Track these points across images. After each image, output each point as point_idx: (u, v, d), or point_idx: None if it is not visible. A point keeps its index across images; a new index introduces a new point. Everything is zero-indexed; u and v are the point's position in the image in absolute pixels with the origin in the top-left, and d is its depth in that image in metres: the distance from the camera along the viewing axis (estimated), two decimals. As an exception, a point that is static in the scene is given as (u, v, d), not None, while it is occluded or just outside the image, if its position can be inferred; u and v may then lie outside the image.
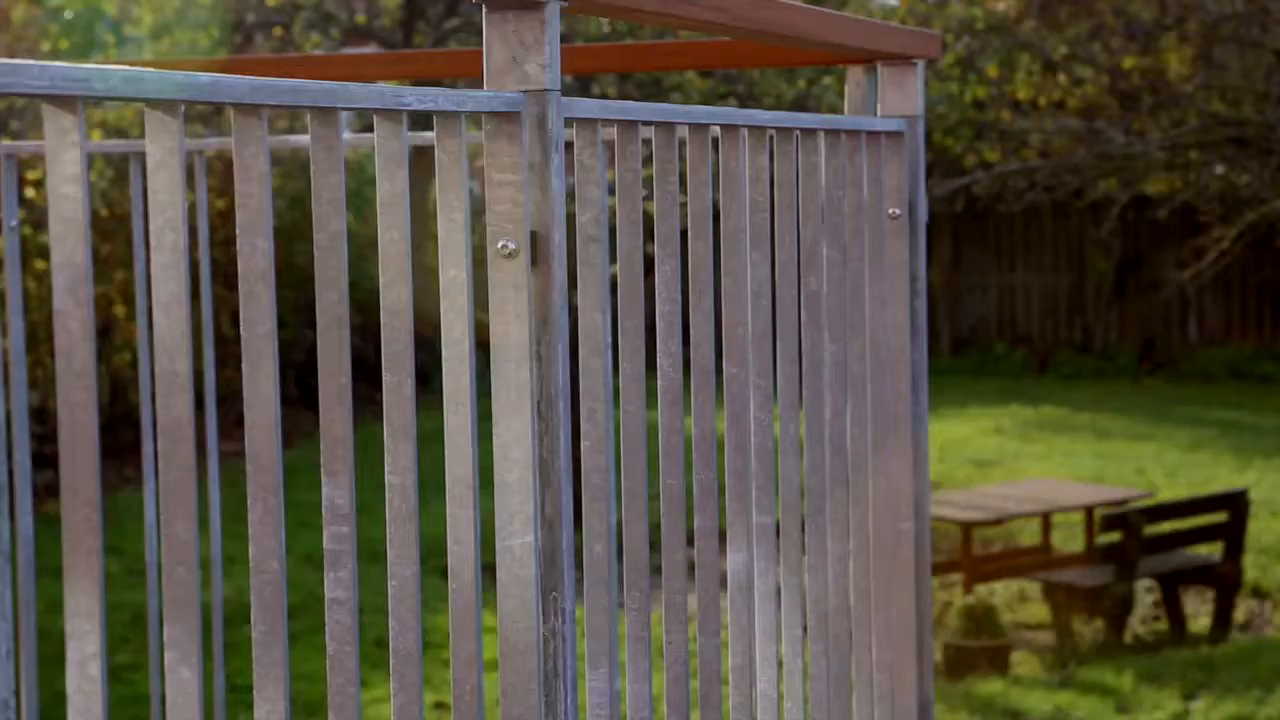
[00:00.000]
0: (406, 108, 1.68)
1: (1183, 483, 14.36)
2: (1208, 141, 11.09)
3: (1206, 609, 11.45)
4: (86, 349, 1.31)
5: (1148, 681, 9.99)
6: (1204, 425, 16.82)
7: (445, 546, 1.74)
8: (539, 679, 1.87)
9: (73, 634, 1.32)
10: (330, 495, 1.62)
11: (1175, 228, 19.12)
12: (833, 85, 13.98)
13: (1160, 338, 20.28)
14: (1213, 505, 11.01)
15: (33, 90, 1.25)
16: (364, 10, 15.44)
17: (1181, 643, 10.83)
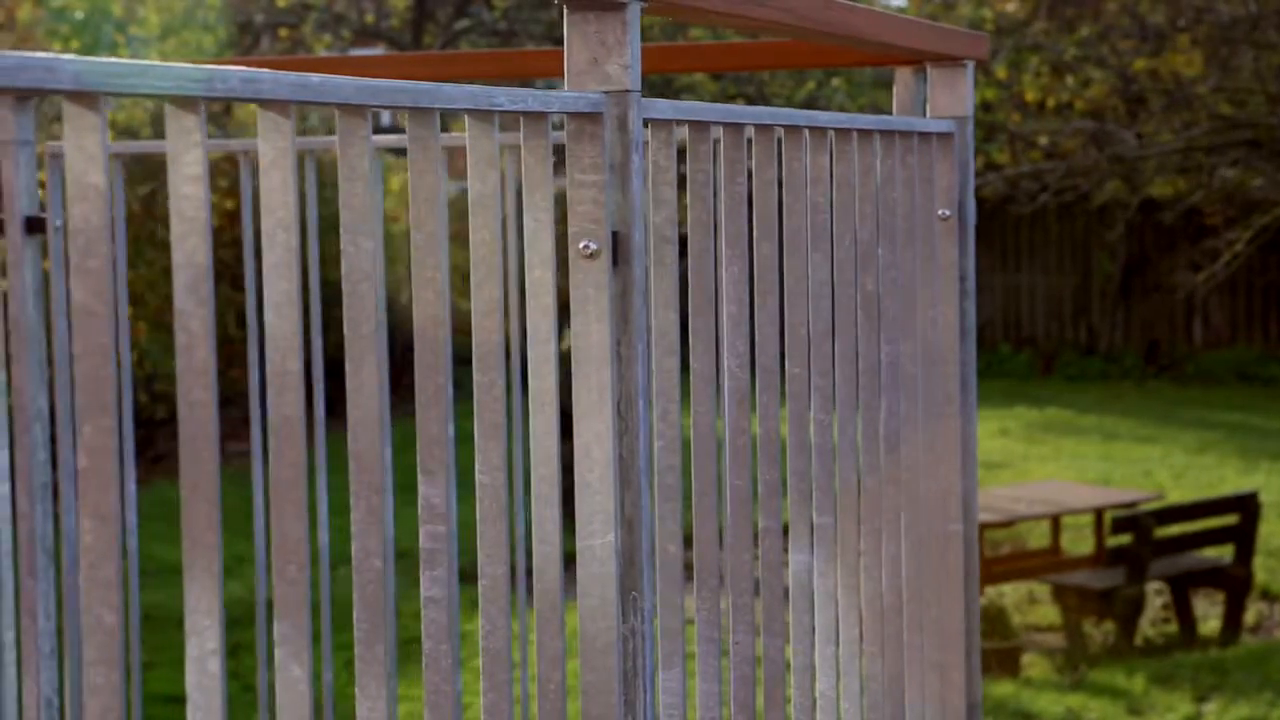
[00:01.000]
0: (499, 108, 1.69)
1: (1190, 485, 14.37)
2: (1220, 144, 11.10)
3: (1216, 611, 11.46)
4: (207, 348, 1.31)
5: (1159, 684, 10.00)
6: (1210, 428, 16.83)
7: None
8: (619, 678, 1.87)
9: (192, 630, 1.33)
10: (427, 494, 1.62)
11: (1180, 230, 19.13)
12: (841, 86, 13.99)
13: (1165, 340, 20.29)
14: (1223, 508, 11.02)
15: (158, 91, 1.26)
16: (373, 11, 15.45)
17: (1192, 645, 10.84)
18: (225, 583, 6.69)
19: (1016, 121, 13.48)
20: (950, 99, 2.98)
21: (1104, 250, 20.18)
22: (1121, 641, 10.69)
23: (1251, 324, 20.01)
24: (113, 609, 1.21)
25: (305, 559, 1.42)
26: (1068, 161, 12.00)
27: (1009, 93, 14.08)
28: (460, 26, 14.83)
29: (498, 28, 14.70)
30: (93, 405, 1.22)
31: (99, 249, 1.21)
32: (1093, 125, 11.68)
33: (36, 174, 3.45)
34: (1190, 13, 10.61)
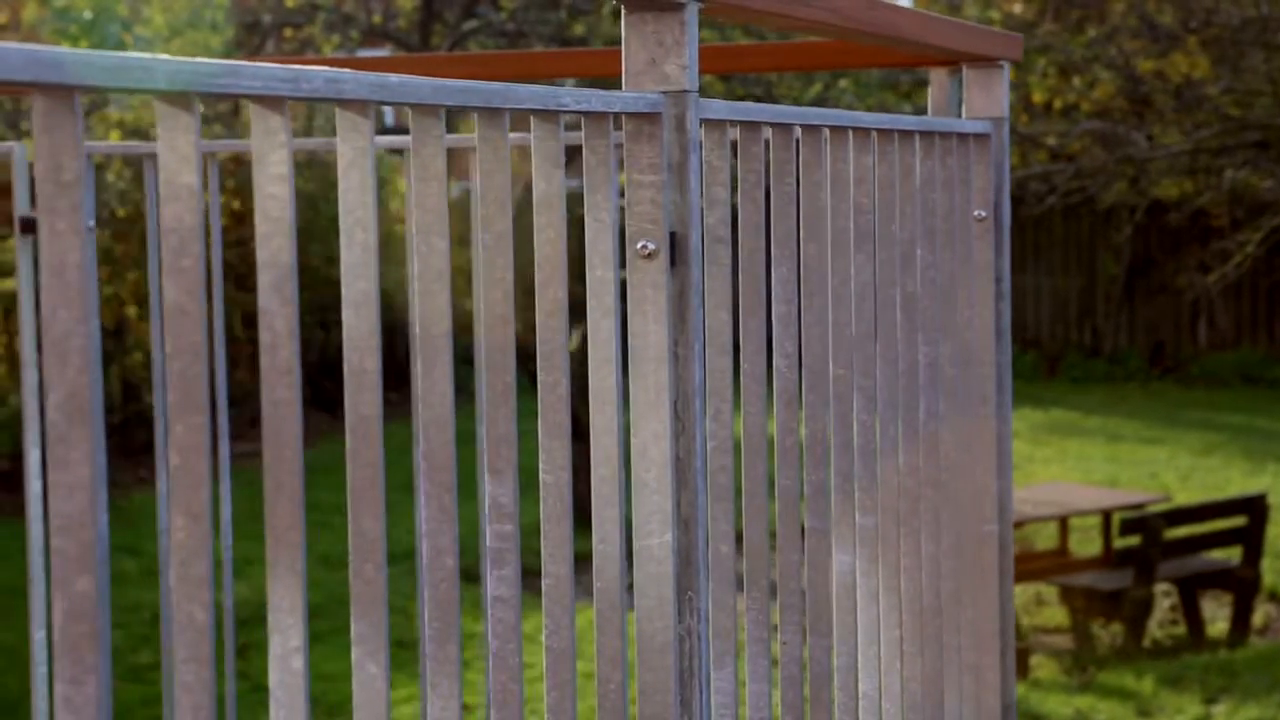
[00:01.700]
0: (564, 109, 1.69)
1: (1196, 487, 14.37)
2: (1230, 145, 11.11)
3: (1224, 613, 11.47)
4: (291, 347, 1.32)
5: (1168, 686, 10.01)
6: (1215, 429, 16.83)
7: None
8: (675, 678, 1.88)
9: (275, 628, 1.33)
10: (494, 494, 1.62)
11: (1186, 231, 19.14)
12: (848, 88, 13.99)
13: (1170, 342, 20.30)
14: (1231, 509, 11.02)
15: (246, 91, 1.26)
16: (380, 12, 15.45)
17: (1200, 647, 10.84)
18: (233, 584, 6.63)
19: (1024, 123, 13.49)
20: (986, 100, 2.99)
21: (1109, 252, 20.18)
22: (1130, 643, 10.70)
23: (1256, 326, 20.02)
24: (204, 607, 1.22)
25: (383, 558, 1.42)
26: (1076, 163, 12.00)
27: (1016, 94, 14.09)
28: (468, 27, 14.84)
29: (506, 29, 14.71)
30: (185, 404, 1.22)
31: (192, 249, 1.21)
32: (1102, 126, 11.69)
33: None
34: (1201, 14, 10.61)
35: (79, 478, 1.12)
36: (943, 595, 2.78)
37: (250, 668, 10.37)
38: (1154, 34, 10.84)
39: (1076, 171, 11.89)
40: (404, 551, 10.25)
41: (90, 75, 1.12)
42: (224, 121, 13.35)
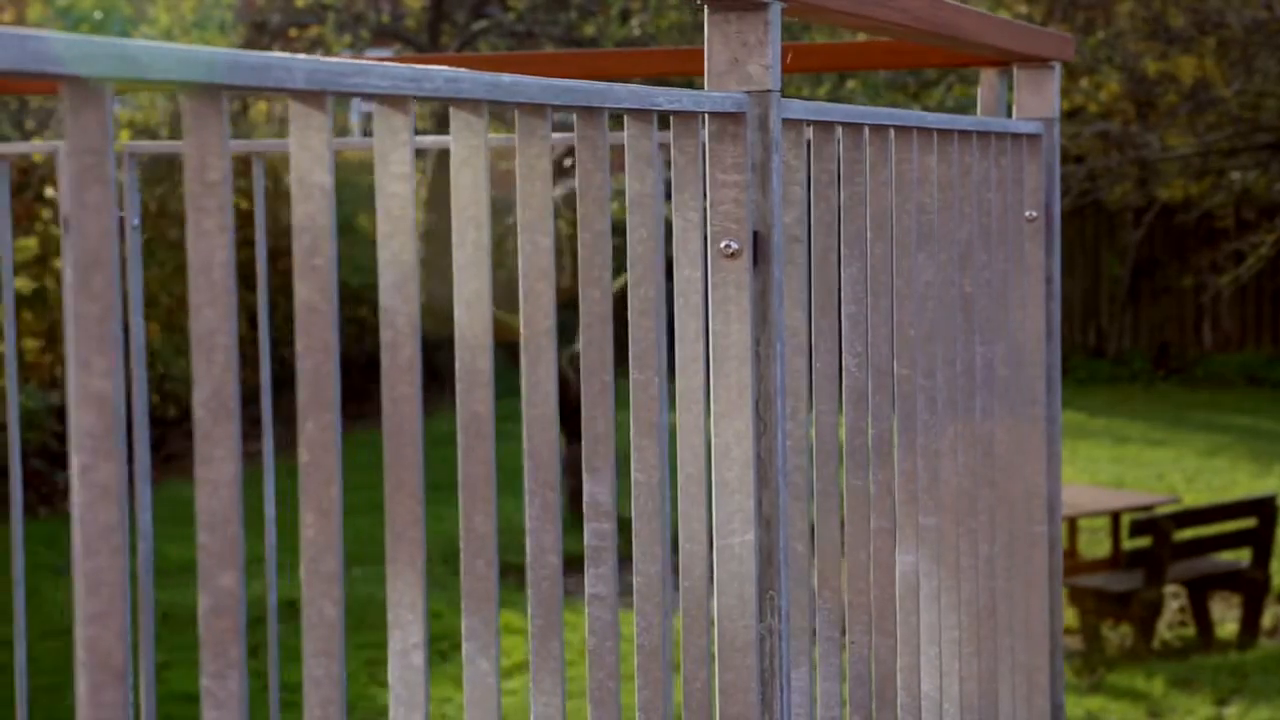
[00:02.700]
0: (657, 108, 1.70)
1: (1202, 488, 14.39)
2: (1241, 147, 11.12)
3: (1232, 615, 11.48)
4: (412, 345, 1.33)
5: (1179, 687, 10.02)
6: (1221, 431, 16.85)
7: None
8: (757, 677, 1.88)
9: (395, 624, 1.34)
10: (592, 492, 1.63)
11: (1190, 233, 19.15)
12: (856, 88, 14.00)
13: (1174, 343, 20.31)
14: (1241, 511, 11.04)
15: (374, 90, 1.27)
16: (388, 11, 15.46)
17: (1209, 648, 10.85)
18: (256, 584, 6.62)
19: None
20: (1037, 100, 2.99)
21: (1113, 253, 20.19)
22: (1139, 644, 10.70)
23: (1261, 327, 20.04)
24: (334, 602, 1.22)
25: (494, 554, 1.43)
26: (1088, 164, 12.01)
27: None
28: (477, 28, 14.85)
29: (515, 29, 14.72)
30: (316, 402, 1.23)
31: (324, 247, 1.22)
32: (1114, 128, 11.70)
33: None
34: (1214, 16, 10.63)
35: (224, 474, 1.13)
36: (996, 596, 2.79)
37: (262, 665, 10.37)
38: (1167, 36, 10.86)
39: (1089, 173, 11.91)
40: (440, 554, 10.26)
41: (236, 75, 1.12)
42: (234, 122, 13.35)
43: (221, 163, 1.12)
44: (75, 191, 1.03)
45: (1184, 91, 11.31)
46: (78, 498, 1.04)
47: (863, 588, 2.24)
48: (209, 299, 1.12)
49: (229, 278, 1.12)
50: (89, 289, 1.03)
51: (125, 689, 1.03)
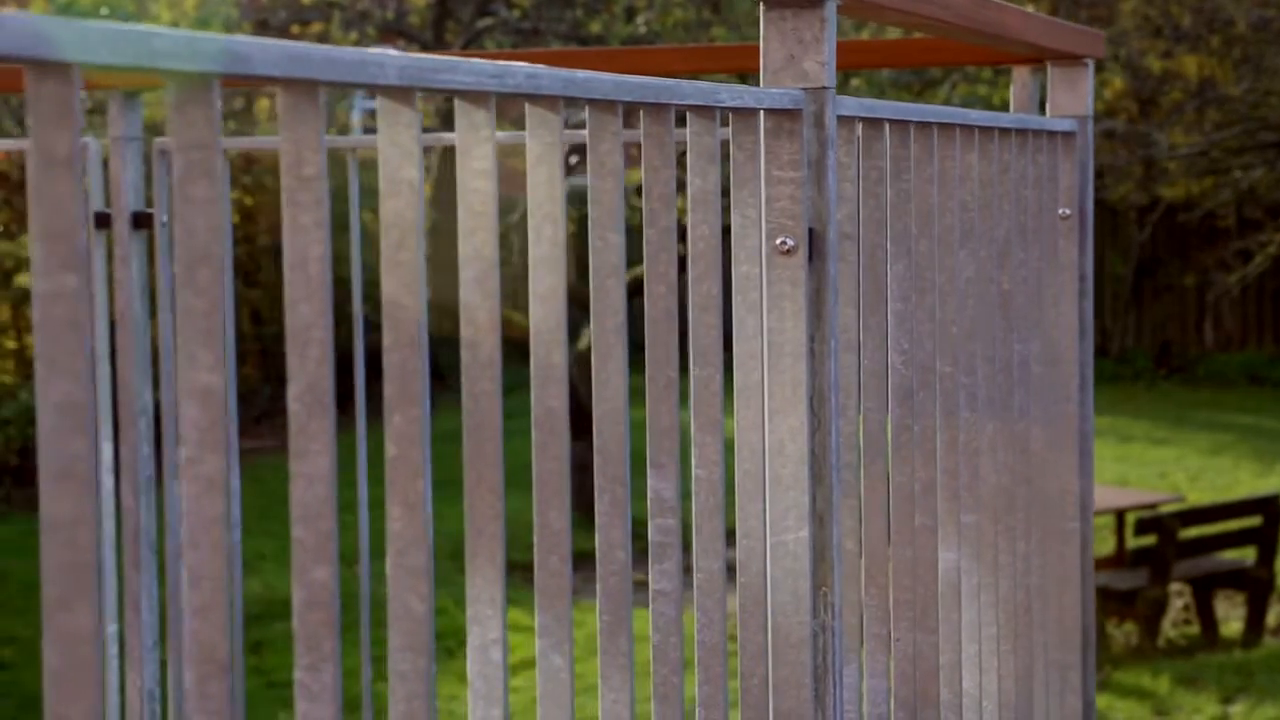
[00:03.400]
0: (720, 104, 1.70)
1: (1206, 487, 14.39)
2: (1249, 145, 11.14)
3: (1236, 613, 11.49)
4: (493, 341, 1.33)
5: (1184, 685, 10.02)
6: (1223, 430, 16.86)
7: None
8: (811, 674, 1.88)
9: (474, 619, 1.34)
10: (656, 488, 1.63)
11: (1193, 232, 19.16)
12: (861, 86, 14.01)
13: (1175, 342, 20.32)
14: (1245, 510, 11.05)
15: (459, 86, 1.27)
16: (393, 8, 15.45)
17: (1214, 647, 10.86)
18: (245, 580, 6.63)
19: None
20: (1071, 98, 3.00)
21: (1116, 252, 20.20)
22: (1145, 642, 10.71)
23: (1262, 327, 20.05)
24: (421, 597, 1.23)
25: (568, 551, 1.43)
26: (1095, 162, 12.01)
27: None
28: (483, 25, 14.84)
29: (521, 26, 14.71)
30: (403, 396, 1.23)
31: (411, 243, 1.22)
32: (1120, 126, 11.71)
33: (143, 170, 3.46)
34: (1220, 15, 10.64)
35: (318, 468, 1.13)
36: (1032, 593, 2.79)
37: (264, 664, 10.37)
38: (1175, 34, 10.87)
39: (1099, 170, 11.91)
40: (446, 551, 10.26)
41: (333, 71, 1.13)
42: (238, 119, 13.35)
43: (317, 157, 1.12)
44: (181, 187, 1.03)
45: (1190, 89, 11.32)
46: (184, 490, 1.04)
47: (907, 584, 2.24)
48: (304, 294, 1.13)
49: (325, 273, 1.12)
50: (195, 284, 1.03)
51: (230, 680, 1.03)
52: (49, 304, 0.92)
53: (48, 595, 0.93)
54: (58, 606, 0.93)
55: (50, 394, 0.93)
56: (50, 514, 0.93)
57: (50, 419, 0.93)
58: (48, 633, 0.94)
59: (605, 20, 14.08)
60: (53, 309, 0.92)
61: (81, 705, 0.93)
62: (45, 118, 0.92)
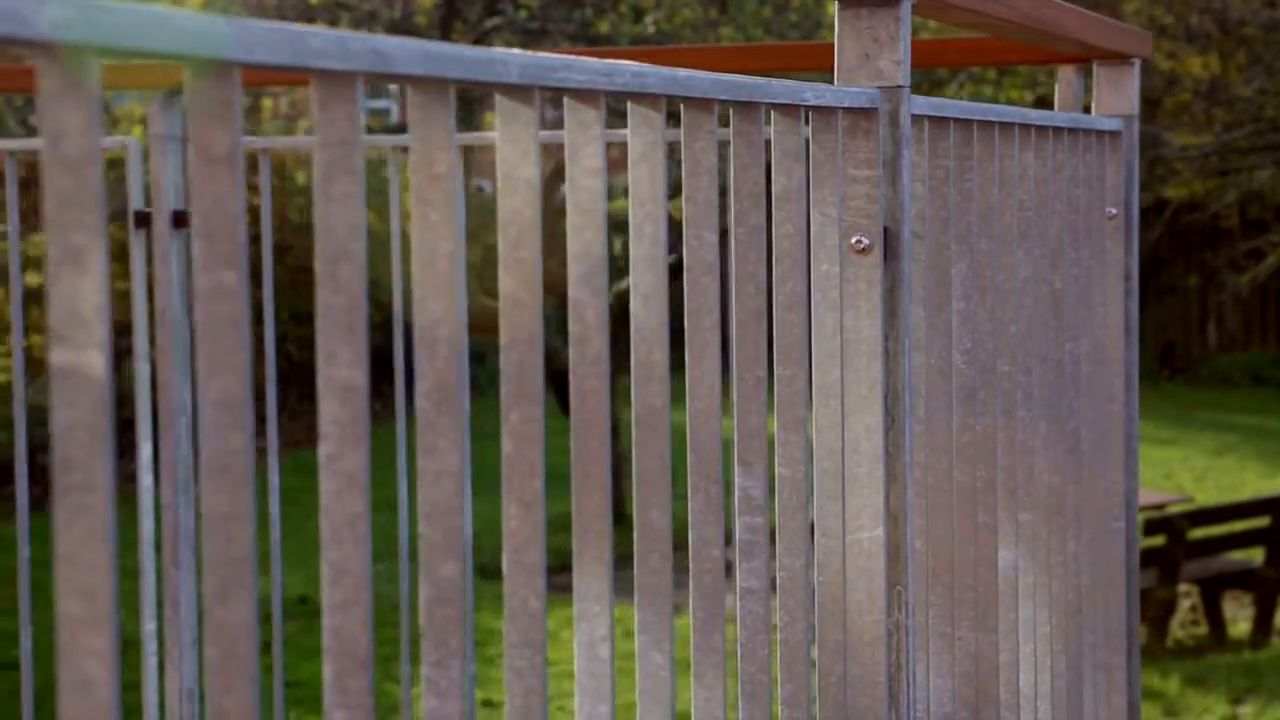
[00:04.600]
0: (805, 103, 1.70)
1: (1211, 487, 14.41)
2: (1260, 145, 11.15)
3: (1244, 614, 11.50)
4: (601, 339, 1.33)
5: (1194, 686, 10.03)
6: (1228, 430, 16.88)
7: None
8: (885, 672, 1.89)
9: (581, 616, 1.34)
10: (744, 486, 1.64)
11: (1196, 233, 19.17)
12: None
13: (1179, 342, 20.34)
14: (1254, 510, 11.06)
15: (573, 85, 1.27)
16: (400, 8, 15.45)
17: (1222, 647, 10.87)
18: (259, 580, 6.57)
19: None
20: (1116, 97, 3.00)
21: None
22: (1153, 643, 10.71)
23: (1266, 327, 20.06)
24: (537, 594, 1.23)
25: (668, 548, 1.43)
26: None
27: (1033, 94, 14.13)
28: (490, 25, 14.83)
29: (529, 26, 14.71)
30: (519, 393, 1.23)
31: (530, 241, 1.22)
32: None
33: (183, 169, 3.46)
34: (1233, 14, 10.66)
35: (447, 465, 1.13)
36: (1082, 593, 2.80)
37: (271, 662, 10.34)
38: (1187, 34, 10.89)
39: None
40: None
41: (462, 70, 1.13)
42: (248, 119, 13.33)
43: (447, 156, 1.13)
44: (323, 184, 1.03)
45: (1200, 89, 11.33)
46: (324, 486, 1.04)
47: (970, 583, 2.24)
48: (433, 291, 1.13)
49: (453, 270, 1.13)
50: (335, 281, 1.03)
51: (370, 676, 1.03)
52: (210, 300, 0.93)
53: (207, 589, 0.94)
54: (216, 600, 0.93)
55: (210, 390, 0.93)
56: (209, 508, 0.94)
57: (210, 415, 0.93)
58: (207, 626, 0.94)
59: (613, 20, 14.09)
60: (213, 305, 0.93)
61: (238, 697, 0.93)
62: (205, 116, 0.93)
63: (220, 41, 0.90)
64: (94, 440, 0.83)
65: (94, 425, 0.82)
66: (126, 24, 0.83)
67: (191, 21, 0.88)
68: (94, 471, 0.83)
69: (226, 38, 0.90)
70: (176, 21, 0.87)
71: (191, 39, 0.88)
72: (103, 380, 0.82)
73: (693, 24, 12.95)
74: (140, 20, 0.84)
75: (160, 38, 0.86)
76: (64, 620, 0.83)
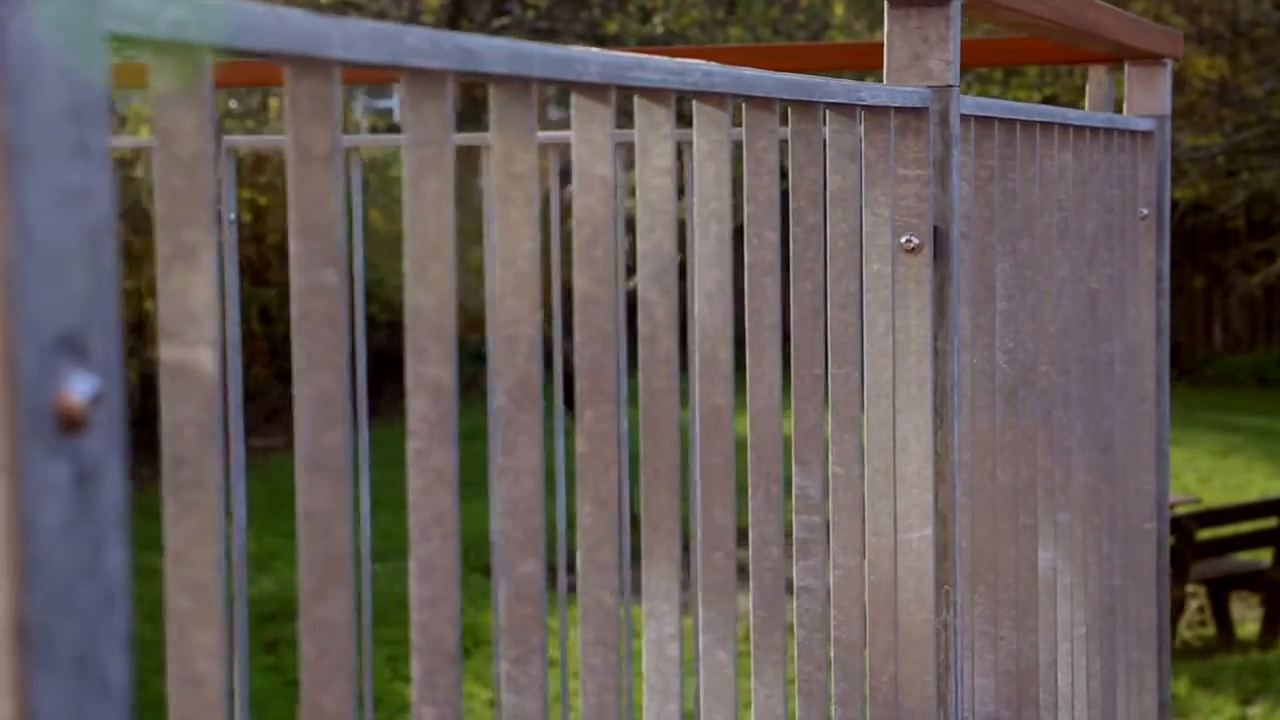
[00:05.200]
0: (860, 102, 1.70)
1: (1218, 488, 14.40)
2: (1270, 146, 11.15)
3: (1252, 615, 11.50)
4: (670, 338, 1.33)
5: (1202, 687, 10.03)
6: (1233, 431, 16.87)
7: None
8: (934, 672, 1.89)
9: (651, 614, 1.35)
10: (802, 485, 1.64)
11: (1201, 234, 19.17)
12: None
13: (1184, 344, 20.33)
14: (1262, 511, 11.05)
15: (648, 84, 1.28)
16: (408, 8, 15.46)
17: (1230, 648, 10.86)
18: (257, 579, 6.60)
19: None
20: (1149, 97, 3.00)
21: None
22: (1163, 644, 10.71)
23: (1271, 329, 20.06)
24: (612, 591, 1.23)
25: (733, 546, 1.43)
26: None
27: (1040, 96, 14.13)
28: (498, 25, 14.84)
29: (537, 26, 14.72)
30: (594, 392, 1.24)
31: (605, 239, 1.22)
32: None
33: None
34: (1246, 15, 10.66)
35: (527, 462, 1.13)
36: (1115, 593, 2.80)
37: (281, 662, 10.36)
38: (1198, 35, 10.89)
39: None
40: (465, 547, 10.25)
41: (545, 68, 1.13)
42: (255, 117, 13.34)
43: (529, 155, 1.13)
44: (413, 183, 1.03)
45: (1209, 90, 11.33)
46: (412, 483, 1.04)
47: (1011, 583, 2.24)
48: (513, 288, 1.13)
49: (534, 269, 1.13)
50: (425, 279, 1.03)
51: (458, 672, 1.04)
52: (309, 298, 0.93)
53: (304, 586, 0.94)
54: (314, 597, 0.93)
55: (308, 387, 0.93)
56: (306, 505, 0.94)
57: (307, 412, 0.93)
58: (303, 622, 0.94)
59: (621, 20, 14.10)
60: (312, 303, 0.93)
61: (335, 693, 0.93)
62: (305, 115, 0.93)
63: (323, 40, 0.90)
64: (203, 437, 0.83)
65: (203, 422, 0.82)
66: (240, 24, 0.83)
67: (299, 21, 0.88)
68: (204, 468, 0.83)
69: (330, 36, 0.90)
70: (285, 21, 0.87)
71: (298, 38, 0.88)
72: (213, 377, 0.82)
73: (700, 24, 12.95)
74: (252, 20, 0.84)
75: (269, 37, 0.86)
76: (174, 616, 0.83)
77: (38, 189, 0.61)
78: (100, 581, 0.63)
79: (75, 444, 0.62)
